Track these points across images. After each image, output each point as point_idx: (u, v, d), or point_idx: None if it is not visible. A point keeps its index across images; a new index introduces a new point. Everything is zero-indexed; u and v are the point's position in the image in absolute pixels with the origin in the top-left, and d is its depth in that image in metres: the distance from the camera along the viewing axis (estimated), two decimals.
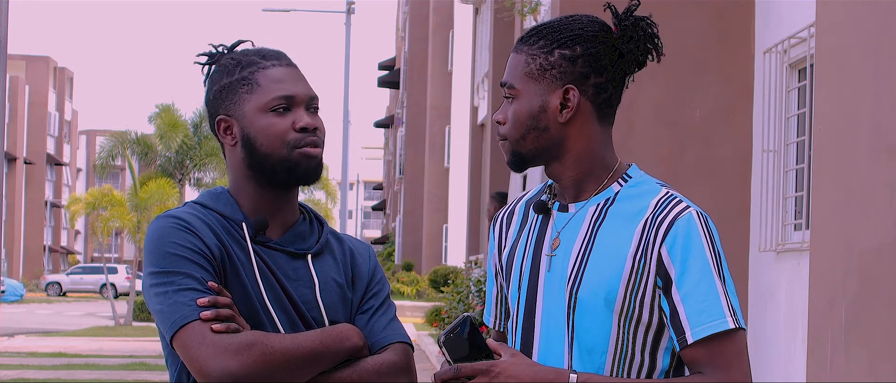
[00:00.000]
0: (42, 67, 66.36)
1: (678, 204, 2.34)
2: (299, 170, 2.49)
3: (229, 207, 2.52)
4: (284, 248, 2.52)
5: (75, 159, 77.27)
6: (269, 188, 2.52)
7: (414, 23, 39.57)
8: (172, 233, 2.44)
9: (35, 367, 17.11)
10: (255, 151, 2.49)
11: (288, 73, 2.52)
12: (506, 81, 2.42)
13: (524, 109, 2.40)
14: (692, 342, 2.29)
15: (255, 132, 2.49)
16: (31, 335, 25.49)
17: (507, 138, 2.42)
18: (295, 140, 2.47)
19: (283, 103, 2.48)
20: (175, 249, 2.42)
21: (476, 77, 25.27)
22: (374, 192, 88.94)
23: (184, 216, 2.47)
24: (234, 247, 2.48)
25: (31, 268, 64.10)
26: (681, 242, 2.31)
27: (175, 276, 2.41)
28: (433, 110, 35.66)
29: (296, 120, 2.48)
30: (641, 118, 8.50)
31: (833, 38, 5.41)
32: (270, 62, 2.52)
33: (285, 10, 32.71)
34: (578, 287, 2.33)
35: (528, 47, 2.41)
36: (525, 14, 11.25)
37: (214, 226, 2.48)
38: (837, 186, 5.24)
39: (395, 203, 47.16)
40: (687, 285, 2.30)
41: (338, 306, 2.55)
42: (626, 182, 2.41)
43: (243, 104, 2.50)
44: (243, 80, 2.51)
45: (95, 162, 37.42)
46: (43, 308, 42.10)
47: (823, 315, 5.25)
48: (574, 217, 2.40)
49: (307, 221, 2.61)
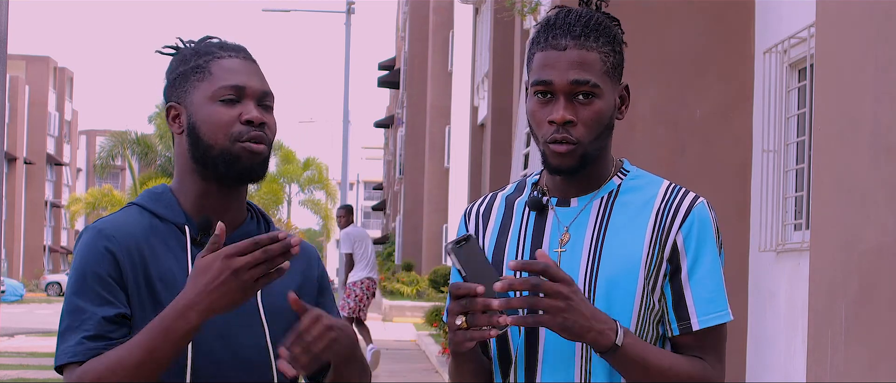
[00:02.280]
0: (42, 67, 66.34)
1: (688, 193, 2.38)
2: (240, 165, 2.39)
3: (170, 209, 2.43)
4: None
5: (75, 159, 77.24)
6: (214, 183, 2.43)
7: (414, 23, 39.55)
8: (90, 254, 2.36)
9: (35, 367, 17.10)
10: (198, 141, 2.40)
11: (243, 66, 2.44)
12: (586, 80, 2.31)
13: (606, 108, 2.35)
14: (696, 330, 2.32)
15: (199, 120, 2.40)
16: (31, 335, 25.47)
17: (581, 140, 2.32)
18: (238, 133, 2.38)
19: (231, 94, 2.39)
20: (85, 279, 2.34)
21: (476, 77, 25.25)
22: (374, 192, 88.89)
23: (109, 230, 2.38)
24: (168, 256, 2.39)
25: (31, 268, 64.08)
26: (697, 231, 2.34)
27: (76, 312, 2.33)
28: (433, 110, 35.63)
29: (243, 112, 2.39)
30: (641, 118, 8.50)
31: (833, 38, 5.40)
32: (228, 53, 2.45)
33: (285, 10, 32.72)
34: (597, 278, 2.32)
35: (591, 43, 2.33)
36: (525, 14, 11.25)
37: (146, 235, 2.40)
38: (837, 186, 5.24)
39: (395, 203, 47.15)
40: (698, 273, 2.32)
41: (284, 312, 2.42)
42: (625, 175, 2.43)
43: (193, 92, 2.42)
44: (197, 67, 2.43)
45: (95, 162, 37.45)
46: (43, 308, 42.07)
47: (823, 315, 5.24)
48: (581, 211, 2.38)
49: (255, 220, 2.52)
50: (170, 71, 2.48)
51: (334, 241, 59.57)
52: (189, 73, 2.44)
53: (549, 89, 2.32)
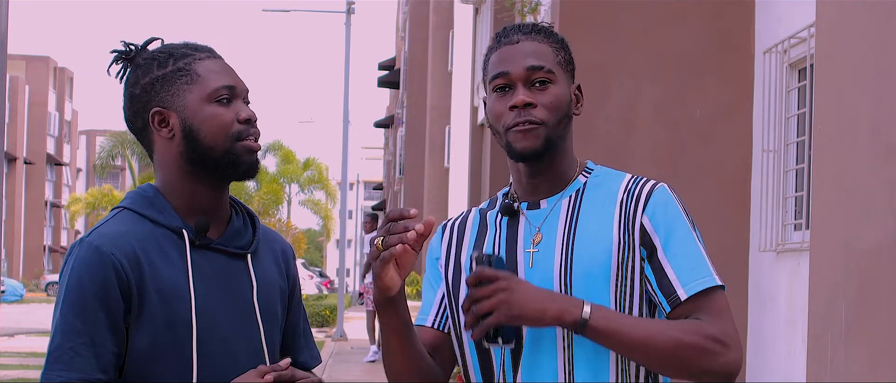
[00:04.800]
0: (42, 67, 66.32)
1: (648, 181, 2.45)
2: (242, 165, 2.41)
3: (164, 213, 2.42)
4: (225, 248, 2.44)
5: (75, 159, 77.22)
6: (208, 184, 2.43)
7: (414, 23, 39.55)
8: (92, 274, 2.34)
9: (35, 367, 17.09)
10: (197, 144, 2.40)
11: (222, 66, 2.46)
12: (541, 65, 2.41)
13: (563, 95, 2.44)
14: (685, 299, 2.34)
15: (198, 123, 2.40)
16: (31, 335, 25.47)
17: (545, 122, 2.40)
18: (237, 132, 2.41)
19: (225, 94, 2.41)
20: (85, 301, 2.33)
21: (476, 77, 25.26)
22: (374, 192, 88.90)
23: (107, 247, 2.35)
24: (167, 265, 2.38)
25: (31, 268, 64.07)
26: (660, 210, 2.39)
27: (73, 334, 2.32)
28: (433, 110, 35.63)
29: (238, 111, 2.42)
30: (641, 118, 8.50)
31: (833, 38, 5.41)
32: (204, 54, 2.46)
33: (285, 11, 32.71)
34: (571, 269, 2.37)
35: (542, 38, 2.45)
36: (525, 14, 11.25)
37: (143, 244, 2.38)
38: (837, 186, 5.24)
39: (395, 203, 47.15)
40: (672, 248, 2.36)
41: (277, 307, 2.51)
42: (589, 174, 2.50)
43: (184, 95, 2.41)
44: (180, 70, 2.42)
45: (95, 162, 37.46)
46: (43, 308, 42.07)
47: (823, 315, 5.25)
48: (551, 211, 2.44)
49: (240, 216, 2.53)
50: (141, 76, 2.45)
51: (334, 241, 59.62)
52: (172, 77, 2.43)
53: (506, 81, 2.42)
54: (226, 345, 2.40)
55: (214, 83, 2.41)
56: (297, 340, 2.61)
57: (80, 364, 2.31)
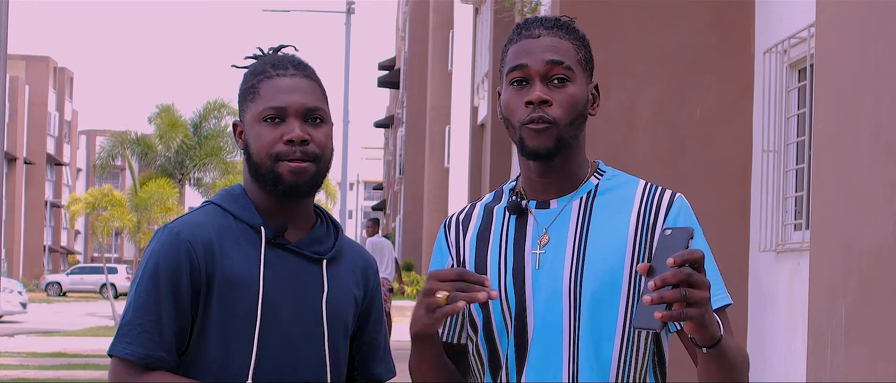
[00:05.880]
0: (42, 67, 66.33)
1: (666, 190, 2.41)
2: (283, 184, 2.48)
3: (246, 211, 2.52)
4: (301, 251, 2.52)
5: (75, 159, 77.25)
6: (273, 194, 2.52)
7: (414, 23, 39.56)
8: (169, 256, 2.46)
9: (35, 367, 17.11)
10: (250, 159, 2.52)
11: (290, 84, 2.51)
12: (560, 61, 2.36)
13: (580, 94, 2.39)
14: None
15: (251, 140, 2.51)
16: (31, 335, 25.47)
17: (559, 121, 2.35)
18: (278, 152, 2.47)
19: (271, 113, 2.48)
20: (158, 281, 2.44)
21: (476, 77, 25.24)
22: (374, 192, 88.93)
23: (186, 234, 2.46)
24: (239, 255, 2.47)
25: (31, 268, 64.07)
26: (683, 221, 2.36)
27: (145, 310, 2.43)
28: (433, 110, 35.64)
29: (285, 131, 2.47)
30: (641, 118, 8.49)
31: (833, 38, 5.41)
32: (278, 71, 2.53)
33: (285, 11, 32.73)
34: (582, 277, 2.33)
35: (564, 34, 2.40)
36: (525, 14, 11.26)
37: (220, 234, 2.48)
38: (837, 186, 5.24)
39: (395, 203, 47.14)
40: None
41: (348, 316, 2.58)
42: (602, 175, 2.45)
43: (246, 112, 2.54)
44: (251, 88, 2.53)
45: (95, 162, 37.42)
46: (43, 308, 42.08)
47: (823, 315, 5.24)
48: (561, 212, 2.40)
49: (324, 225, 2.61)
50: (241, 85, 2.60)
51: None
52: (246, 94, 2.55)
53: (524, 74, 2.36)
54: (287, 342, 2.48)
55: (265, 103, 2.49)
56: (376, 353, 2.70)
57: (146, 340, 2.41)
